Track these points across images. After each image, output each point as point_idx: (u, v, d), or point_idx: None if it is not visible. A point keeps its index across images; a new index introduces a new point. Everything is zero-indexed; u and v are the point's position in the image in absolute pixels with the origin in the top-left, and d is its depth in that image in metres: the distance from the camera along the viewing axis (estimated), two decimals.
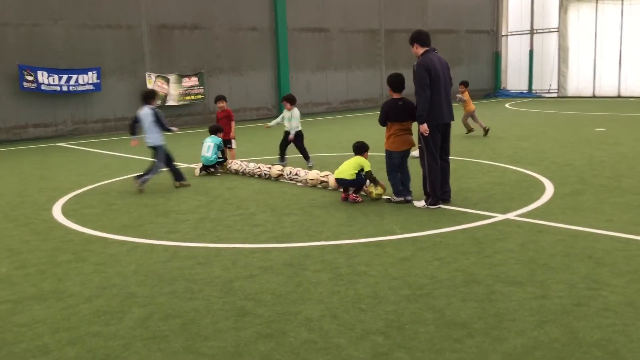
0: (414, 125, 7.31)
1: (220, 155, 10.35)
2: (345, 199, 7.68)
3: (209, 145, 10.16)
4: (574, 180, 8.48)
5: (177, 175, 9.18)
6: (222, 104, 11.27)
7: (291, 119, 10.66)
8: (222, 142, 10.45)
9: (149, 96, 9.10)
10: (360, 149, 7.88)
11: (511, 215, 6.65)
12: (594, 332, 3.70)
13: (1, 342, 3.88)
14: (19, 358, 3.66)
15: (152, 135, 8.91)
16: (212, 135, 10.38)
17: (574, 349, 3.51)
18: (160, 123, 8.90)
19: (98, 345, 3.78)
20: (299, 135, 10.64)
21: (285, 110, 10.85)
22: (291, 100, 10.81)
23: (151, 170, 8.92)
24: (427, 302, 4.28)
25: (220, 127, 10.70)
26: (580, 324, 3.84)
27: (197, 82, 20.24)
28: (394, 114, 7.37)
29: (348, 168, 7.68)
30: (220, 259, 5.49)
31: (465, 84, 14.95)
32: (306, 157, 10.65)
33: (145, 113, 8.89)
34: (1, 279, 5.18)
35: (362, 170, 7.63)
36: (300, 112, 10.91)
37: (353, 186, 7.69)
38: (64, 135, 18.00)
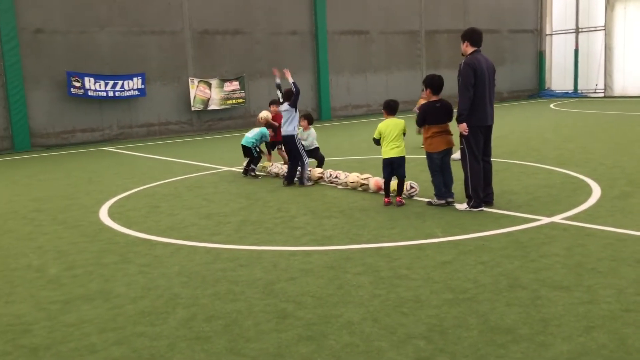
0: (453, 125, 7.25)
1: (259, 150, 10.48)
2: (389, 203, 7.61)
3: (255, 130, 10.55)
4: (622, 183, 8.24)
5: (291, 178, 9.51)
6: (275, 108, 11.41)
7: (307, 139, 10.14)
8: (267, 135, 10.67)
9: (287, 95, 9.74)
10: (396, 108, 7.72)
11: (557, 219, 6.50)
12: None
13: (50, 341, 4.00)
14: (67, 357, 3.76)
15: (288, 128, 9.49)
16: (263, 127, 10.78)
17: (622, 355, 3.41)
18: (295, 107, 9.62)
19: (143, 345, 3.86)
20: (316, 149, 10.17)
21: (301, 129, 10.25)
22: (310, 119, 10.41)
23: (302, 167, 9.40)
24: (471, 306, 4.22)
25: (273, 125, 11.01)
26: (629, 330, 3.72)
27: (238, 87, 20.47)
28: (432, 117, 7.31)
29: (399, 142, 7.48)
30: (261, 261, 5.53)
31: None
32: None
33: (284, 108, 9.63)
34: (51, 279, 5.34)
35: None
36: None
37: (402, 166, 7.52)
38: (110, 139, 18.46)
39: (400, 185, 7.62)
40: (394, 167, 7.54)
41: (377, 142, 7.71)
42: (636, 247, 5.36)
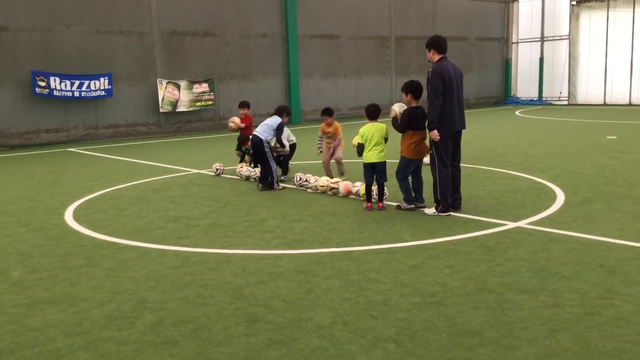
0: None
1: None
2: (371, 208, 7.59)
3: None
4: (585, 189, 8.45)
5: (264, 180, 9.35)
6: (244, 111, 11.38)
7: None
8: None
9: (279, 111, 9.64)
10: (377, 113, 7.67)
11: (522, 223, 6.62)
12: (606, 342, 3.68)
13: (14, 346, 3.91)
14: None
15: (260, 131, 9.39)
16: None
17: (586, 358, 3.49)
18: None
19: (110, 350, 3.80)
20: (293, 145, 10.25)
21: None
22: (288, 112, 9.71)
23: (270, 172, 9.26)
24: (439, 310, 4.27)
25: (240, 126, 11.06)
26: (593, 333, 3.82)
27: (207, 89, 20.33)
28: (415, 123, 7.33)
29: (381, 146, 7.46)
30: (230, 264, 5.50)
31: (329, 112, 9.70)
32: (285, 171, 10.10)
33: (269, 120, 9.53)
34: (14, 283, 5.22)
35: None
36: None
37: (383, 171, 7.50)
38: (76, 140, 18.13)
39: (381, 190, 7.64)
40: (375, 172, 7.56)
41: (363, 147, 7.63)
42: (599, 252, 5.50)
